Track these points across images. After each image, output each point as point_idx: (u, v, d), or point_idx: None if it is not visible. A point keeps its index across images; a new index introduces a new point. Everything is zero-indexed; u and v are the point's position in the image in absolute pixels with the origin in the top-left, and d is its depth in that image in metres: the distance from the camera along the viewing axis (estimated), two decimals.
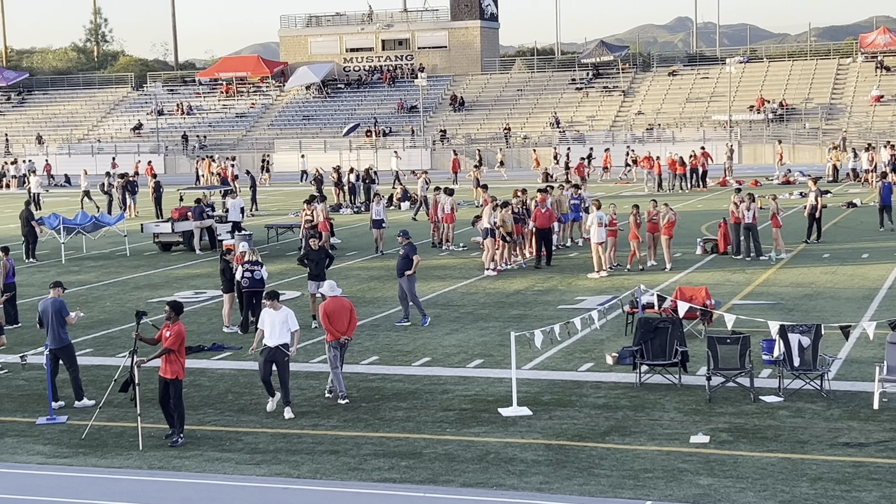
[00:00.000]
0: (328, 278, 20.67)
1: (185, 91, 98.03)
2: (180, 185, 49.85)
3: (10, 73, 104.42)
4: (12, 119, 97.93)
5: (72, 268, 33.36)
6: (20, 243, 35.53)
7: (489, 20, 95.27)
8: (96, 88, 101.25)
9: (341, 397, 17.21)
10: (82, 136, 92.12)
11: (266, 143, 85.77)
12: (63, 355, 17.57)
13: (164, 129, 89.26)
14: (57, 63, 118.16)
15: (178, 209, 37.21)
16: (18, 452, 15.10)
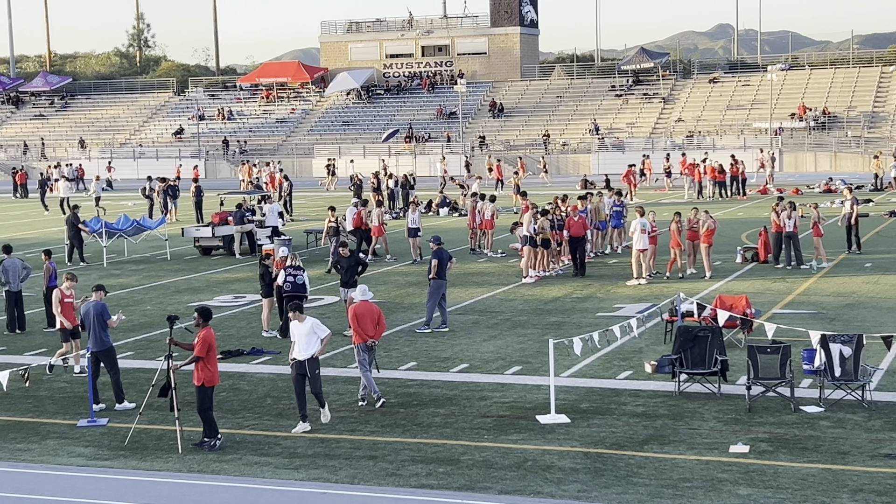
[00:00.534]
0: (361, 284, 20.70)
1: (226, 96, 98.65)
2: (221, 190, 50.18)
3: (54, 78, 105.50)
4: (55, 123, 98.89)
5: (113, 271, 33.63)
6: (62, 246, 35.83)
7: (529, 26, 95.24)
8: (138, 93, 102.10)
9: (376, 399, 17.26)
10: (124, 141, 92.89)
11: (306, 148, 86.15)
12: (104, 358, 17.72)
13: (205, 134, 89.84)
14: (100, 68, 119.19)
15: (218, 214, 37.44)
16: (60, 454, 15.23)
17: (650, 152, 70.77)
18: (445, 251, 23.67)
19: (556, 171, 76.76)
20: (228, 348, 21.60)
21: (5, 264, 23.99)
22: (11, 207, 60.47)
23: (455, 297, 27.14)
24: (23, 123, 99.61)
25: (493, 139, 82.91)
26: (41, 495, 13.62)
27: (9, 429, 16.51)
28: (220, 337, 22.51)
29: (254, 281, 28.19)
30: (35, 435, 16.17)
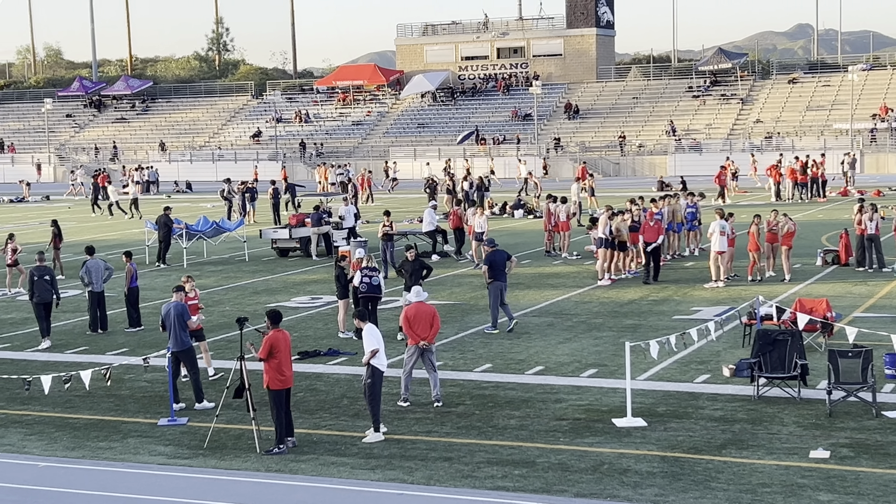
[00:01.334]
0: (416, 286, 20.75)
1: (303, 99, 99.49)
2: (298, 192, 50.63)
3: (135, 82, 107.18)
4: (136, 126, 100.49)
5: (192, 272, 34.02)
6: (144, 247, 36.36)
7: (605, 28, 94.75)
8: (217, 97, 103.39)
9: (403, 399, 17.46)
10: (203, 143, 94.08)
11: (381, 150, 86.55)
12: (184, 358, 17.95)
13: (283, 137, 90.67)
14: (180, 71, 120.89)
15: (295, 215, 37.77)
16: (141, 453, 15.45)
17: (728, 154, 69.96)
18: (502, 252, 23.72)
19: (632, 172, 76.28)
20: (305, 349, 21.77)
21: (88, 265, 24.42)
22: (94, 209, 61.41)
23: (530, 300, 27.10)
24: (104, 126, 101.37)
25: (568, 141, 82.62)
26: (122, 493, 13.83)
27: (91, 427, 16.80)
28: (297, 338, 22.75)
29: (330, 282, 28.35)
30: (117, 433, 16.43)
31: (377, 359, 15.74)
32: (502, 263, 23.43)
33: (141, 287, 25.61)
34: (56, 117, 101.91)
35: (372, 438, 15.62)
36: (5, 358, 22.12)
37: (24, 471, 14.77)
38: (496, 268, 23.27)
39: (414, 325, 17.44)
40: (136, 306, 24.82)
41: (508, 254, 24.24)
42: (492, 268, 23.24)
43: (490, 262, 23.36)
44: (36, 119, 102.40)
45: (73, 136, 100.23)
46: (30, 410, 17.84)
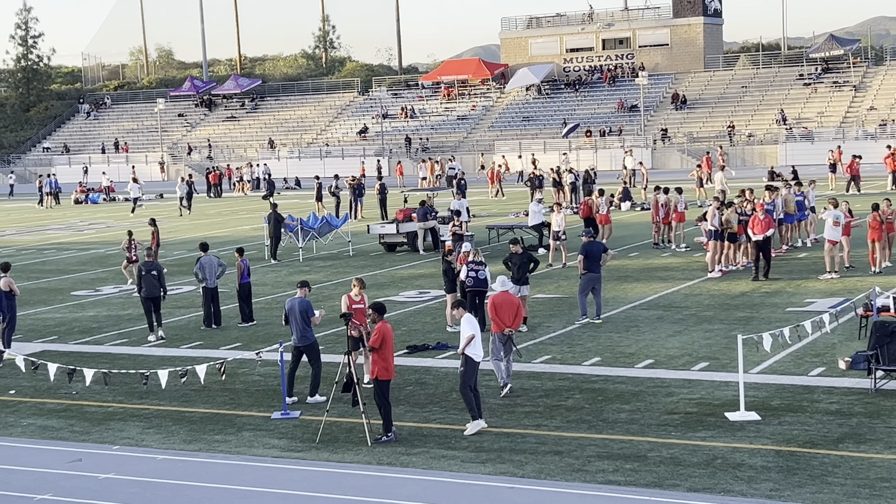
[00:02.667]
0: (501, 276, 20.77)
1: (408, 94, 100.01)
2: (404, 187, 50.92)
3: (244, 81, 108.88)
4: (246, 124, 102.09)
5: (303, 268, 34.48)
6: (256, 243, 36.93)
7: (712, 16, 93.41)
8: (324, 94, 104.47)
9: (501, 385, 17.72)
10: (311, 140, 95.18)
11: (486, 144, 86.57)
12: (309, 352, 18.17)
13: (389, 133, 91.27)
14: (287, 70, 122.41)
15: (402, 210, 38.00)
16: (255, 446, 15.71)
17: (841, 142, 68.44)
18: (598, 244, 23.67)
19: (742, 162, 75.07)
20: (414, 343, 21.91)
21: (202, 262, 24.89)
22: (207, 206, 62.67)
23: (639, 292, 26.88)
24: (215, 125, 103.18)
25: (675, 132, 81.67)
26: (238, 485, 14.08)
27: (206, 420, 17.13)
28: (405, 332, 22.92)
29: (437, 276, 28.48)
30: (231, 427, 16.73)
31: (472, 347, 15.88)
32: (598, 254, 23.37)
33: (253, 283, 26.00)
34: (168, 117, 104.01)
35: (473, 429, 15.66)
36: (123, 353, 22.68)
37: (143, 463, 15.12)
38: (591, 259, 23.23)
39: (500, 312, 17.77)
40: (249, 302, 25.23)
41: (605, 245, 24.14)
42: (587, 258, 23.20)
43: (586, 252, 23.34)
44: (149, 119, 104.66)
45: (184, 136, 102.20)
46: (147, 404, 18.26)
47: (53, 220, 58.79)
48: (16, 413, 18.14)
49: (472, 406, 15.81)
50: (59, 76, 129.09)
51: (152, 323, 24.00)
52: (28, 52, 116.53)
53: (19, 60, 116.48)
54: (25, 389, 19.71)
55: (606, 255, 23.79)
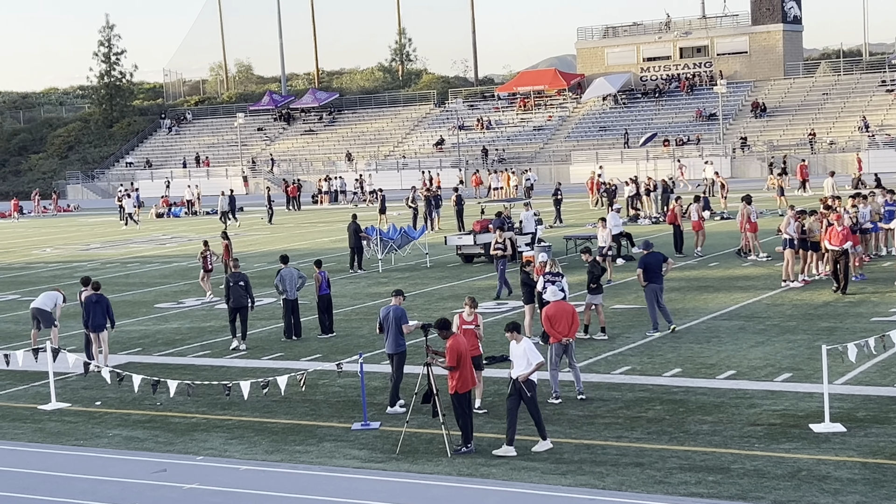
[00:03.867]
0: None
1: (484, 106, 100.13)
2: (481, 198, 50.97)
3: (322, 94, 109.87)
4: (324, 137, 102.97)
5: (381, 279, 34.65)
6: (334, 255, 37.19)
7: (792, 23, 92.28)
8: (401, 106, 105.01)
9: (554, 397, 17.80)
10: (388, 153, 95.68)
11: (563, 155, 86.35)
12: (397, 361, 18.29)
13: (465, 144, 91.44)
14: (364, 83, 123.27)
15: (479, 221, 38.01)
16: (336, 456, 15.80)
17: None
18: (658, 254, 23.54)
19: (823, 170, 73.95)
20: (492, 354, 21.87)
21: (282, 273, 25.13)
22: (286, 219, 63.24)
23: (719, 303, 26.59)
24: (294, 139, 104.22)
25: (755, 140, 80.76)
26: (319, 496, 14.17)
27: (288, 431, 17.27)
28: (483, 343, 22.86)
29: (515, 287, 28.43)
30: (312, 437, 16.84)
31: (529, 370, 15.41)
32: (657, 266, 23.27)
33: (332, 294, 26.16)
34: (248, 131, 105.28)
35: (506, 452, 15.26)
36: (206, 364, 22.97)
37: (226, 473, 15.29)
38: (651, 270, 23.17)
39: (555, 323, 17.81)
40: (329, 313, 25.41)
41: (664, 256, 23.97)
42: (646, 270, 23.14)
43: (644, 265, 23.28)
44: (229, 133, 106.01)
45: (263, 149, 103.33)
46: (230, 415, 18.47)
47: (136, 233, 59.74)
48: (102, 424, 18.45)
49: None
50: (141, 92, 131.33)
51: (234, 332, 24.31)
52: (111, 69, 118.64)
53: (102, 77, 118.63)
54: (111, 401, 20.05)
55: (667, 265, 23.61)
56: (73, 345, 24.84)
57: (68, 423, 18.64)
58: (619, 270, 33.02)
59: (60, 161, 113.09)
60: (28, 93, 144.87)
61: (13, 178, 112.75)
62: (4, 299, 34.95)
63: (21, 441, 17.67)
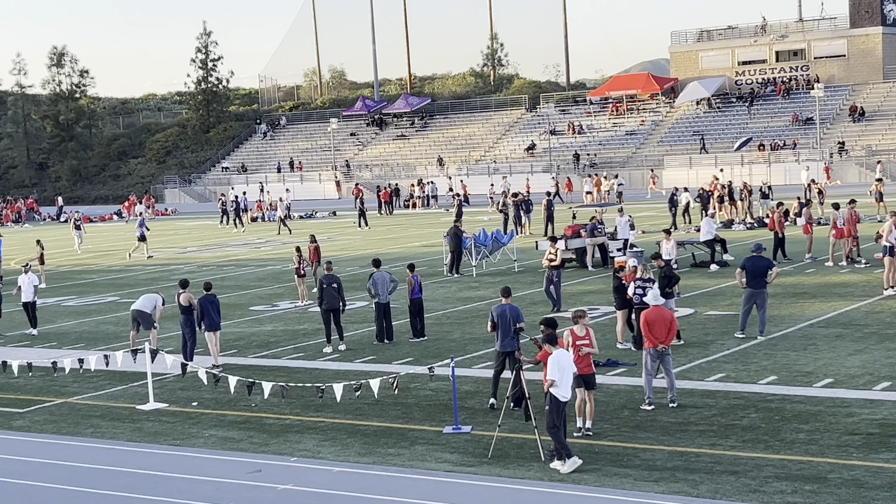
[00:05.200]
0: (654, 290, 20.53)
1: (576, 110, 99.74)
2: (572, 203, 50.79)
3: (414, 100, 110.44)
4: (416, 143, 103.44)
5: (472, 284, 34.69)
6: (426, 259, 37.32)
7: (892, 25, 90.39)
8: (492, 111, 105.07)
9: (647, 403, 17.71)
10: (479, 157, 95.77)
11: (655, 160, 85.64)
12: (511, 359, 18.35)
13: (556, 149, 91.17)
14: (456, 88, 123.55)
15: (571, 226, 37.88)
16: (427, 460, 15.85)
17: None
18: (763, 259, 23.19)
19: None
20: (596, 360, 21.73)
21: (375, 277, 25.28)
22: (378, 224, 63.64)
23: (816, 310, 26.14)
24: (385, 144, 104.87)
25: (853, 144, 79.24)
26: (411, 499, 14.22)
27: (380, 434, 17.37)
28: None
29: (606, 293, 28.27)
30: (404, 440, 16.92)
31: (558, 388, 15.06)
32: (761, 271, 22.87)
33: (424, 298, 26.25)
34: (341, 136, 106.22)
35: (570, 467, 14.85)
36: (299, 367, 23.21)
37: (319, 475, 15.43)
38: (754, 274, 22.85)
39: (653, 328, 17.71)
40: (421, 317, 25.51)
41: (771, 262, 23.58)
42: (748, 273, 22.84)
43: (744, 266, 23.04)
44: (322, 138, 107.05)
45: (356, 154, 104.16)
46: (323, 417, 18.63)
47: (232, 237, 60.62)
48: (198, 424, 18.74)
49: (562, 445, 15.00)
50: (236, 98, 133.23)
51: (330, 335, 24.56)
52: (208, 76, 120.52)
53: (200, 83, 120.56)
54: (207, 401, 20.36)
55: (772, 272, 23.20)
56: (170, 346, 25.28)
57: (166, 423, 18.98)
58: (712, 276, 32.65)
59: (158, 166, 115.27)
60: (127, 99, 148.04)
61: (113, 183, 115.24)
62: (104, 301, 35.72)
63: (120, 440, 18.03)
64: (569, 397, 15.23)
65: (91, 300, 36.09)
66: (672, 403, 17.81)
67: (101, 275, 44.06)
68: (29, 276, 29.79)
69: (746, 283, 22.94)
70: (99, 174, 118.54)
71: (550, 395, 15.12)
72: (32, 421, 19.70)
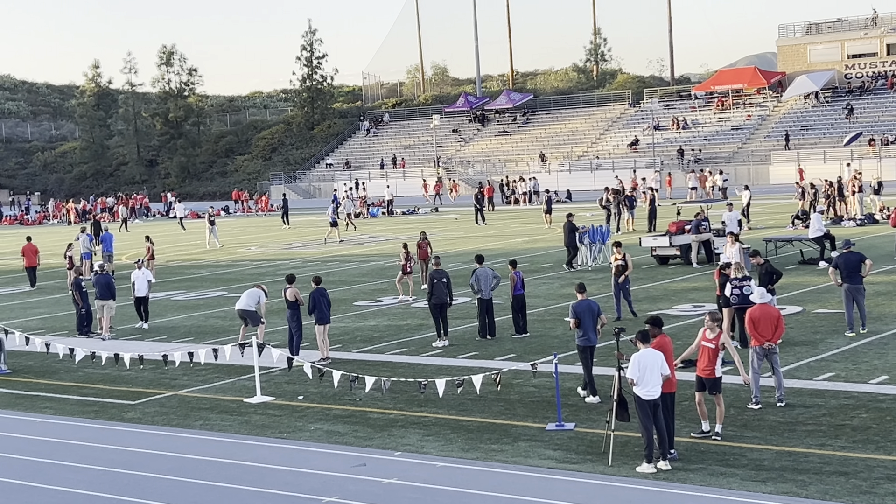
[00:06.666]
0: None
1: (680, 106, 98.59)
2: (676, 199, 50.24)
3: (517, 96, 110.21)
4: (517, 139, 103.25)
5: (574, 280, 34.49)
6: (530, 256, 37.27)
7: None
8: (595, 106, 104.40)
9: (754, 402, 17.47)
10: (582, 154, 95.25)
11: (762, 155, 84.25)
12: (590, 354, 18.94)
13: (660, 144, 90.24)
14: (558, 83, 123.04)
15: (675, 223, 37.48)
16: (531, 456, 15.82)
17: None
18: (856, 254, 22.87)
19: None
20: (691, 358, 21.49)
21: (477, 273, 25.32)
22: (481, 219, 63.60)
23: None
24: (488, 140, 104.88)
25: None
26: (514, 495, 14.22)
27: (483, 430, 17.39)
28: (680, 346, 22.44)
29: (711, 290, 27.87)
30: (507, 437, 16.92)
31: (640, 387, 14.91)
32: (853, 265, 22.54)
33: (526, 295, 26.19)
34: (443, 132, 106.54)
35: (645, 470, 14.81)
36: (403, 362, 23.35)
37: (423, 470, 15.51)
38: (847, 270, 22.58)
39: (759, 326, 17.54)
40: (523, 313, 25.47)
41: (863, 256, 23.14)
42: (842, 270, 22.57)
43: (837, 265, 22.81)
44: (424, 135, 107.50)
45: (458, 151, 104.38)
46: (426, 412, 18.72)
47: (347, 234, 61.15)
48: (304, 418, 18.97)
49: (649, 445, 14.77)
50: (340, 95, 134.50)
51: (440, 329, 24.71)
52: (313, 73, 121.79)
53: (304, 81, 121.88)
54: (312, 395, 20.60)
55: (866, 265, 22.78)
56: (277, 340, 25.63)
57: (272, 416, 19.25)
58: (821, 274, 32.02)
59: (264, 162, 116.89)
60: (234, 96, 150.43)
61: (220, 179, 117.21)
62: (212, 296, 36.36)
63: (228, 432, 18.34)
64: (654, 397, 14.97)
65: (199, 295, 36.77)
66: (780, 402, 17.54)
67: (209, 270, 44.86)
68: (143, 272, 30.44)
69: (842, 279, 22.58)
70: (207, 171, 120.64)
71: (634, 395, 15.07)
72: (143, 413, 20.15)
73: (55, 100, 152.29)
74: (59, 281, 41.52)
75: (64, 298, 36.20)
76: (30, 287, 40.97)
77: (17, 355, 26.13)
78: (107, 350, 24.08)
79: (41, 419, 20.13)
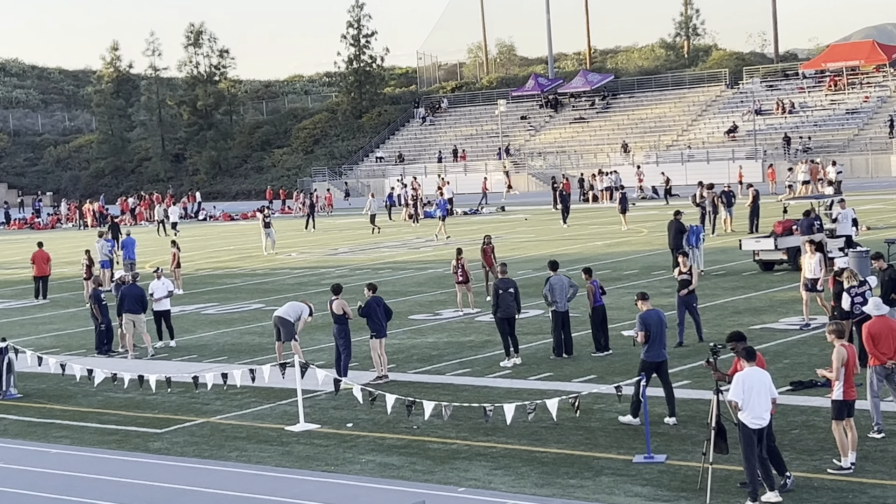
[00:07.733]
0: None
1: (786, 86, 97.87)
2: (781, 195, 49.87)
3: (595, 77, 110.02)
4: (596, 126, 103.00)
5: (663, 290, 34.32)
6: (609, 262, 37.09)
7: None
8: (686, 88, 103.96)
9: (876, 430, 17.15)
10: (671, 143, 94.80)
11: (882, 143, 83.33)
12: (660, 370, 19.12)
13: (762, 131, 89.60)
14: (643, 62, 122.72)
15: (781, 222, 37.17)
16: (615, 493, 15.76)
17: None
18: None
19: None
20: (799, 378, 21.34)
21: (552, 282, 25.25)
22: (552, 220, 63.58)
23: None
24: (562, 128, 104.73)
25: None
26: None
27: (560, 462, 17.36)
28: (787, 365, 22.40)
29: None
30: (588, 470, 16.87)
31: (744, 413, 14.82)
32: None
33: (607, 306, 26.10)
34: (510, 120, 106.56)
35: None
36: (466, 384, 23.35)
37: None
38: None
39: (877, 342, 17.25)
40: (604, 327, 25.37)
41: None
42: None
43: None
44: (488, 123, 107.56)
45: (527, 140, 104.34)
46: (495, 442, 18.72)
47: (387, 237, 61.39)
48: (354, 448, 19.05)
49: (753, 479, 14.69)
50: (392, 78, 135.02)
51: (508, 346, 24.72)
52: (360, 54, 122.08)
53: (351, 62, 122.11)
54: (363, 422, 20.68)
55: None
56: (322, 359, 25.76)
57: (318, 446, 19.35)
58: None
59: (305, 156, 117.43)
60: (271, 81, 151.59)
61: (255, 175, 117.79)
62: (248, 308, 36.61)
63: (267, 465, 18.45)
64: (763, 424, 14.88)
65: (234, 308, 37.05)
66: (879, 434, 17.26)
67: (245, 279, 45.20)
68: (163, 282, 30.61)
69: None
70: (240, 166, 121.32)
71: (739, 421, 14.97)
72: (171, 443, 20.34)
73: (69, 87, 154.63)
74: (75, 293, 42.08)
75: (80, 313, 36.68)
76: (40, 299, 41.48)
77: (29, 377, 26.50)
78: (130, 371, 24.31)
79: (56, 450, 20.39)
